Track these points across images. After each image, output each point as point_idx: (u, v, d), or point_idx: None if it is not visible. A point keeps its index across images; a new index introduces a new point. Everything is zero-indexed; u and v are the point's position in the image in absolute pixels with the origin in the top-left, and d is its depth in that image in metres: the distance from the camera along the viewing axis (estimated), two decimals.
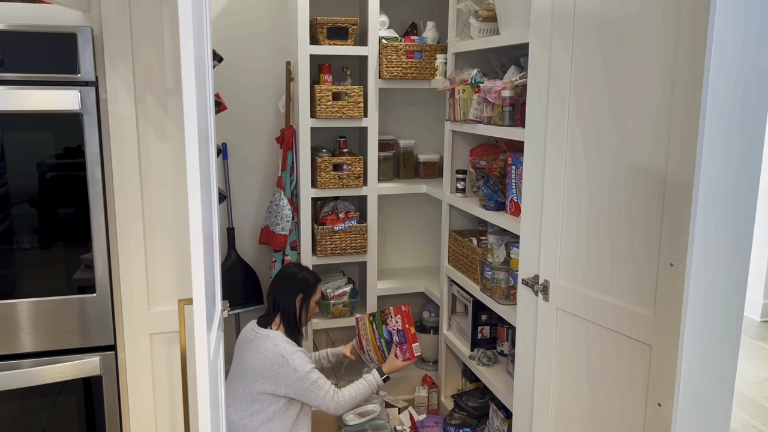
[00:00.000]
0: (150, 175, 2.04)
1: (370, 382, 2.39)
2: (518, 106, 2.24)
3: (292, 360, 2.23)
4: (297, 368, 2.23)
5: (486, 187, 2.50)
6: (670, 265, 1.56)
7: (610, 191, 1.74)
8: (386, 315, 2.60)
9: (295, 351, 2.27)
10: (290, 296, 2.38)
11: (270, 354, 2.24)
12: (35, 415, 2.07)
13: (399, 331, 2.54)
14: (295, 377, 2.22)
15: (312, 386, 2.24)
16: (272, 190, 3.17)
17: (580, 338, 1.87)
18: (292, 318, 2.38)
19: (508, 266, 2.40)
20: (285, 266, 2.58)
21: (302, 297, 2.40)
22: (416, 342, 2.54)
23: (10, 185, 1.94)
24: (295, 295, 2.39)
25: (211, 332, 1.40)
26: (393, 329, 2.57)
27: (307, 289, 2.42)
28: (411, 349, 2.52)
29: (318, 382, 2.26)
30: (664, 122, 1.56)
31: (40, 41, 1.88)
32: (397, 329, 2.55)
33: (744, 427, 3.21)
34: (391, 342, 2.57)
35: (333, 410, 2.30)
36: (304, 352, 2.32)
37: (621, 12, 1.66)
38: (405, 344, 2.53)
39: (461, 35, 2.72)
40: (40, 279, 2.01)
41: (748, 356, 4.01)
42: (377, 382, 2.41)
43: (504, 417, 2.49)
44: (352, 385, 2.37)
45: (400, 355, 2.52)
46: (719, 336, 1.59)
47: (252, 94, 3.14)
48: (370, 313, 2.72)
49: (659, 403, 1.63)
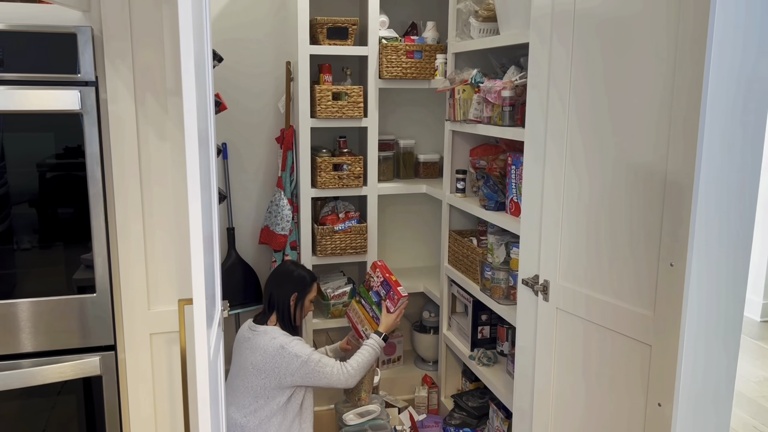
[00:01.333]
0: (150, 175, 2.04)
1: (372, 346, 2.42)
2: (518, 106, 2.24)
3: (291, 348, 2.25)
4: (298, 353, 2.25)
5: (486, 187, 2.50)
6: (670, 265, 1.56)
7: (611, 191, 1.74)
8: (368, 280, 2.63)
9: (292, 339, 2.29)
10: (284, 294, 2.39)
11: (269, 348, 2.25)
12: (35, 415, 2.07)
13: (383, 282, 2.57)
14: (298, 363, 2.24)
15: (317, 366, 2.26)
16: (272, 190, 3.17)
17: (579, 338, 1.87)
18: (287, 316, 2.38)
19: (508, 266, 2.40)
20: (281, 264, 2.58)
21: (297, 295, 2.40)
22: (399, 285, 2.56)
23: (10, 185, 1.94)
24: (289, 292, 2.39)
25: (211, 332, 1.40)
26: (377, 287, 2.59)
27: (302, 287, 2.42)
28: (398, 293, 2.53)
29: (322, 360, 2.28)
30: (664, 122, 1.56)
31: (40, 41, 1.88)
32: (380, 283, 2.58)
33: (744, 427, 3.21)
34: (380, 302, 2.58)
35: (344, 382, 2.31)
36: (301, 339, 2.35)
37: (621, 11, 1.66)
38: (390, 290, 2.55)
39: (461, 35, 2.72)
40: (40, 279, 2.01)
41: (748, 356, 4.01)
42: (378, 344, 2.44)
43: (504, 417, 2.49)
44: (356, 354, 2.39)
45: (391, 306, 2.53)
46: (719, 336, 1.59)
47: (252, 94, 3.14)
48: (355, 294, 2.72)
49: (659, 403, 1.63)
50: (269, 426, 2.26)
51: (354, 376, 2.33)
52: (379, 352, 2.45)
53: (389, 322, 2.51)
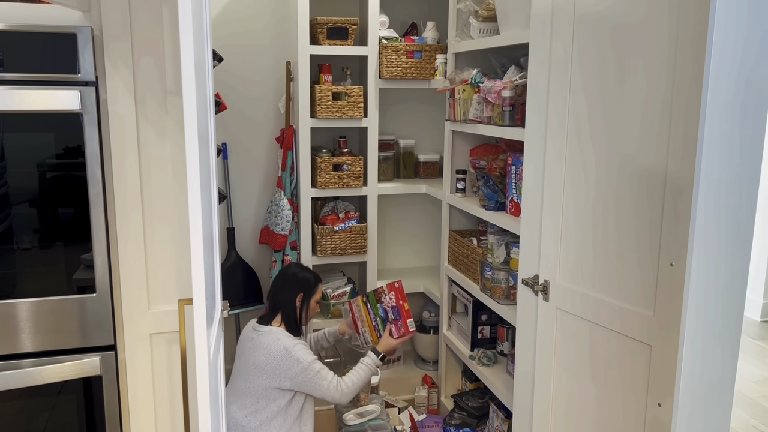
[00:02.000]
0: (150, 175, 2.04)
1: (368, 365, 2.42)
2: (518, 106, 2.24)
3: (294, 351, 2.25)
4: (300, 359, 2.25)
5: (486, 187, 2.50)
6: (670, 265, 1.56)
7: (611, 191, 1.74)
8: (380, 293, 2.60)
9: (297, 343, 2.29)
10: (290, 296, 2.40)
11: (273, 348, 2.26)
12: (35, 415, 2.07)
13: (393, 307, 2.56)
14: (298, 368, 2.24)
15: (315, 377, 2.27)
16: (272, 190, 3.17)
17: (580, 338, 1.87)
18: (293, 318, 2.39)
19: (508, 266, 2.40)
20: (285, 266, 2.59)
21: (302, 297, 2.41)
22: (410, 318, 2.55)
23: (10, 185, 1.94)
24: (295, 294, 2.40)
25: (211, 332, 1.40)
26: (388, 306, 2.57)
27: (308, 288, 2.43)
28: (406, 325, 2.54)
29: (321, 372, 2.28)
30: (664, 122, 1.56)
31: (40, 41, 1.88)
32: (391, 306, 2.56)
33: (744, 427, 3.21)
34: (387, 320, 2.58)
35: (338, 399, 2.32)
36: (305, 344, 2.35)
37: (621, 11, 1.66)
38: (400, 320, 2.54)
39: (461, 35, 2.72)
40: (40, 279, 2.01)
41: (748, 356, 4.01)
42: (375, 363, 2.44)
43: (504, 417, 2.49)
44: (352, 371, 2.39)
45: (395, 332, 2.54)
46: (719, 336, 1.59)
47: (252, 94, 3.14)
48: (363, 294, 2.72)
49: (659, 403, 1.63)
50: (270, 427, 2.26)
51: (348, 395, 2.33)
52: (375, 370, 2.44)
53: (389, 346, 2.51)
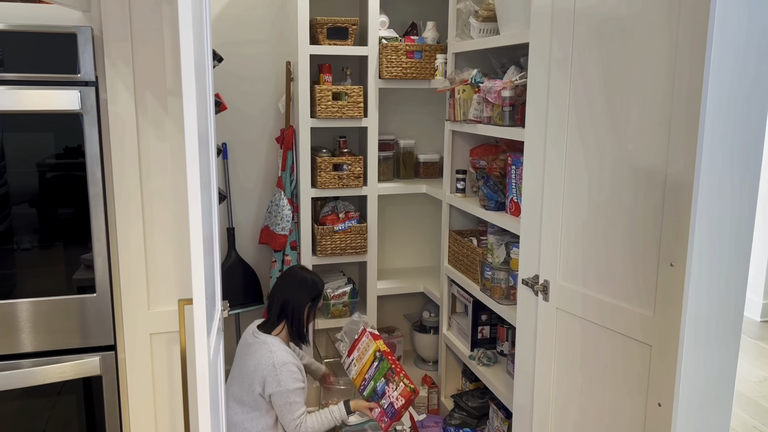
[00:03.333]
0: (150, 175, 2.04)
1: (335, 417, 2.32)
2: (518, 106, 2.24)
3: (280, 372, 2.20)
4: (281, 381, 2.20)
5: (486, 187, 2.50)
6: (670, 265, 1.56)
7: (611, 191, 1.74)
8: (394, 375, 2.39)
9: (286, 363, 2.23)
10: (301, 302, 2.35)
11: (263, 360, 2.22)
12: (35, 415, 2.07)
13: (391, 404, 2.37)
14: (276, 389, 2.20)
15: (286, 405, 2.22)
16: (272, 190, 3.17)
17: (580, 338, 1.87)
18: (297, 325, 2.35)
19: (508, 266, 2.40)
20: (290, 269, 2.51)
21: (311, 303, 2.38)
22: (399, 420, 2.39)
23: (10, 185, 1.94)
24: (305, 301, 2.36)
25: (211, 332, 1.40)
26: (389, 396, 2.38)
27: (317, 294, 2.40)
28: (388, 422, 2.37)
29: (292, 405, 2.22)
30: (665, 122, 1.56)
31: (40, 41, 1.88)
32: (391, 401, 2.37)
33: (744, 427, 3.21)
34: (377, 396, 2.42)
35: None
36: (298, 366, 2.28)
37: (621, 11, 1.66)
38: (388, 420, 2.36)
39: (461, 35, 2.72)
40: (40, 279, 2.01)
41: (748, 356, 4.01)
42: (342, 417, 2.34)
43: (504, 417, 2.49)
44: (317, 414, 2.31)
45: (376, 415, 2.39)
46: (719, 336, 1.59)
47: (252, 94, 3.14)
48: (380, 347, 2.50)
49: (659, 403, 1.63)
50: None
51: None
52: (339, 423, 2.35)
53: (362, 408, 2.39)
